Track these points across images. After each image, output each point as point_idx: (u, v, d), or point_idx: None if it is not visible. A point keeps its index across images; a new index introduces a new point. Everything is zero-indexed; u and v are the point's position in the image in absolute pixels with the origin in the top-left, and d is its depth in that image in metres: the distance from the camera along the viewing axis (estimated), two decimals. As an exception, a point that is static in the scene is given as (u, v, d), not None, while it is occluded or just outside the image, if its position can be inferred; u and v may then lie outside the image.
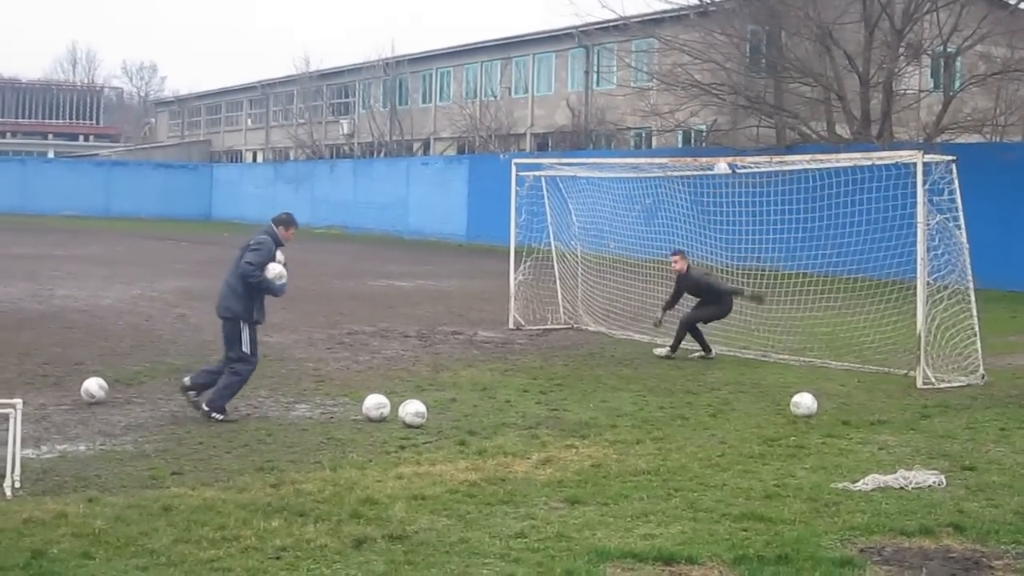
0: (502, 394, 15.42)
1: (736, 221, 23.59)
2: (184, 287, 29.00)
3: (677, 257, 20.10)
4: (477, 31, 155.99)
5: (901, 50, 38.02)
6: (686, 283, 19.77)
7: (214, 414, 13.34)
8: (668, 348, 19.43)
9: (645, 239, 24.19)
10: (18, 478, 9.91)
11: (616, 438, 12.66)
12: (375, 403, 13.55)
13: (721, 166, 20.72)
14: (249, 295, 13.70)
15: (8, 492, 9.72)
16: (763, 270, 22.37)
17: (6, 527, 8.77)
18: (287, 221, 14.15)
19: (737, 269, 22.78)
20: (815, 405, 14.30)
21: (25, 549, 8.28)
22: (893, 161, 19.30)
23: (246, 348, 13.72)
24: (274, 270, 13.65)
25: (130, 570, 7.95)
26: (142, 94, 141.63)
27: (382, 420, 13.34)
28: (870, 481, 10.68)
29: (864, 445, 12.61)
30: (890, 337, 19.13)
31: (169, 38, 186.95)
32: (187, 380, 13.84)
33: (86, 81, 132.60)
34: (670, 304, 19.97)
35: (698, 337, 19.44)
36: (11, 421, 9.90)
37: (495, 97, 63.64)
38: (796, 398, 14.47)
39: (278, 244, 13.91)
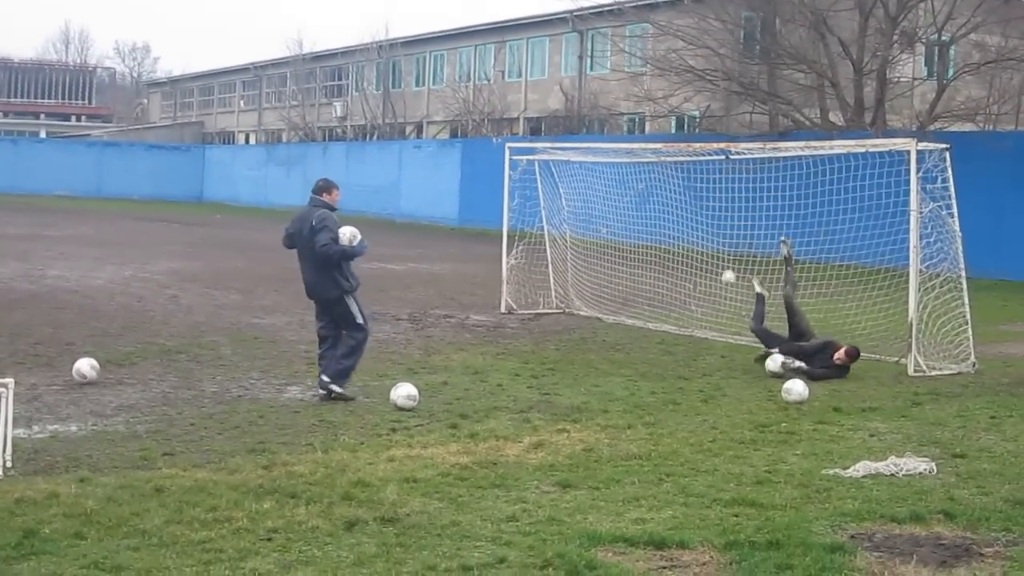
0: (494, 378, 15.42)
1: (729, 207, 23.57)
2: (176, 268, 28.98)
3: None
4: (471, 14, 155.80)
5: (895, 38, 37.97)
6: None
7: (333, 386, 13.61)
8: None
9: (637, 224, 24.19)
10: (9, 458, 9.91)
11: (608, 423, 12.68)
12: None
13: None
14: (339, 268, 13.80)
15: (0, 472, 9.72)
16: (755, 256, 22.35)
17: (-3, 506, 8.78)
18: (327, 186, 14.27)
19: (729, 255, 22.76)
20: (806, 392, 14.31)
21: (17, 529, 8.28)
22: (887, 149, 19.30)
23: (360, 319, 13.95)
24: (346, 234, 13.74)
25: (121, 550, 7.95)
26: (135, 75, 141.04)
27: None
28: (861, 468, 10.70)
29: (855, 432, 12.64)
30: (881, 325, 19.14)
31: (162, 19, 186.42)
32: (323, 376, 13.87)
33: (79, 61, 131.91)
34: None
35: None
36: (2, 401, 9.89)
37: (488, 81, 63.56)
38: (787, 384, 14.50)
39: (333, 211, 14.07)
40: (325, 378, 13.71)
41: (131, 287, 24.59)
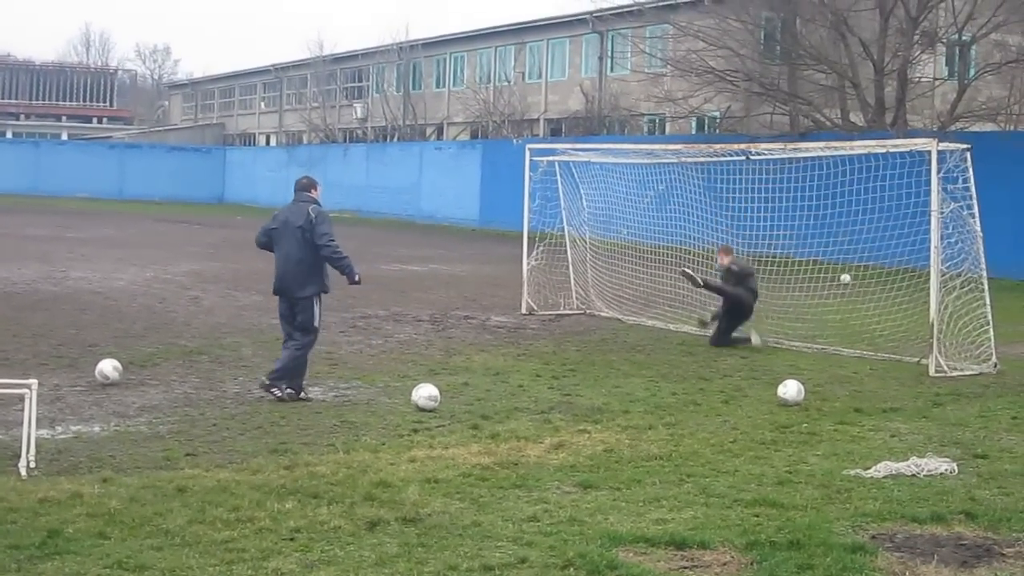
0: (515, 379, 15.44)
1: (749, 208, 23.53)
2: (197, 270, 29.07)
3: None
4: (491, 16, 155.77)
5: (916, 38, 37.89)
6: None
7: (274, 389, 13.45)
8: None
9: (658, 225, 24.18)
10: (33, 458, 9.96)
11: (628, 423, 12.69)
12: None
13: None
14: (323, 265, 13.78)
15: (23, 472, 9.78)
16: (775, 257, 22.34)
17: (22, 506, 8.83)
18: (312, 183, 14.33)
19: (750, 256, 22.73)
20: (800, 395, 14.19)
21: (41, 528, 8.33)
22: (907, 149, 19.28)
23: (316, 322, 13.88)
24: None
25: (145, 550, 7.99)
26: (155, 77, 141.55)
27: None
28: (882, 468, 10.69)
29: (876, 432, 12.63)
30: (902, 325, 19.11)
31: (183, 21, 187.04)
32: (265, 378, 13.79)
33: (100, 63, 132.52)
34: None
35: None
36: (26, 402, 9.94)
37: (509, 82, 63.56)
38: (781, 389, 14.31)
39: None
40: (265, 380, 13.61)
41: (153, 288, 24.67)
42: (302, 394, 13.59)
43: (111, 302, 22.17)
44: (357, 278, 14.03)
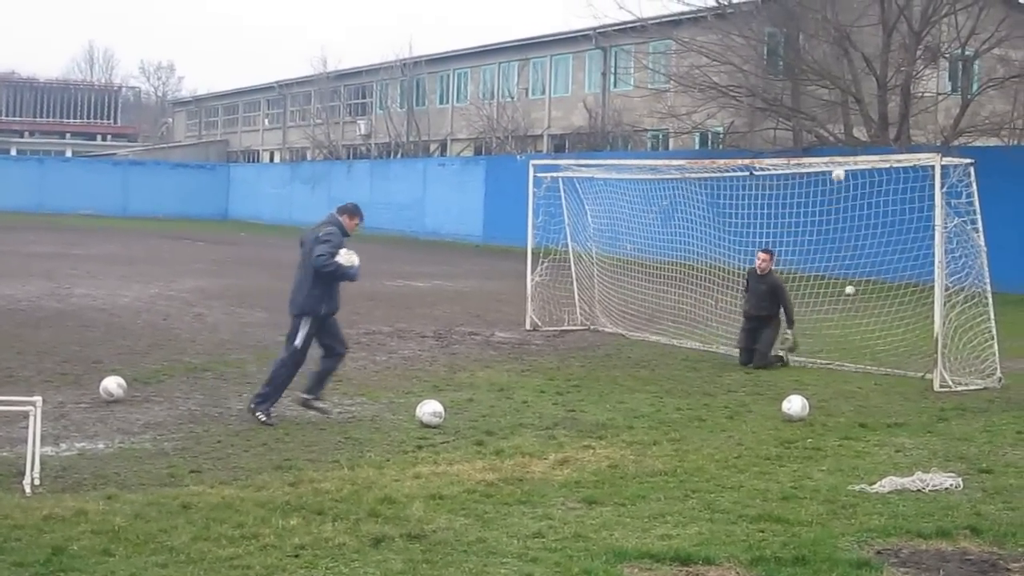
0: (519, 395, 15.44)
1: (753, 223, 23.54)
2: (201, 287, 29.08)
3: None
4: (494, 32, 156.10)
5: (919, 53, 37.97)
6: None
7: (258, 413, 13.27)
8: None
9: (662, 241, 24.19)
10: (38, 475, 9.96)
11: (633, 439, 12.68)
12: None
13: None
14: (320, 287, 13.50)
15: (28, 489, 9.78)
16: (779, 272, 22.32)
17: (26, 524, 8.83)
18: (352, 210, 13.92)
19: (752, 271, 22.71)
20: (805, 411, 14.17)
21: (45, 546, 8.33)
22: (911, 164, 19.26)
23: (299, 342, 13.56)
24: (345, 256, 13.41)
25: (149, 567, 7.99)
26: (159, 94, 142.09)
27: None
28: (887, 483, 10.68)
29: (881, 447, 12.62)
30: (906, 340, 19.10)
31: (187, 38, 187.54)
32: (301, 395, 13.77)
33: (104, 81, 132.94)
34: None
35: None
36: (31, 419, 9.95)
37: (512, 98, 63.65)
38: (786, 405, 14.30)
39: (344, 235, 13.71)
40: (251, 405, 13.51)
41: (157, 305, 24.68)
42: (261, 416, 13.24)
43: (115, 319, 22.18)
44: (353, 273, 13.56)
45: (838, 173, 19.46)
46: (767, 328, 18.89)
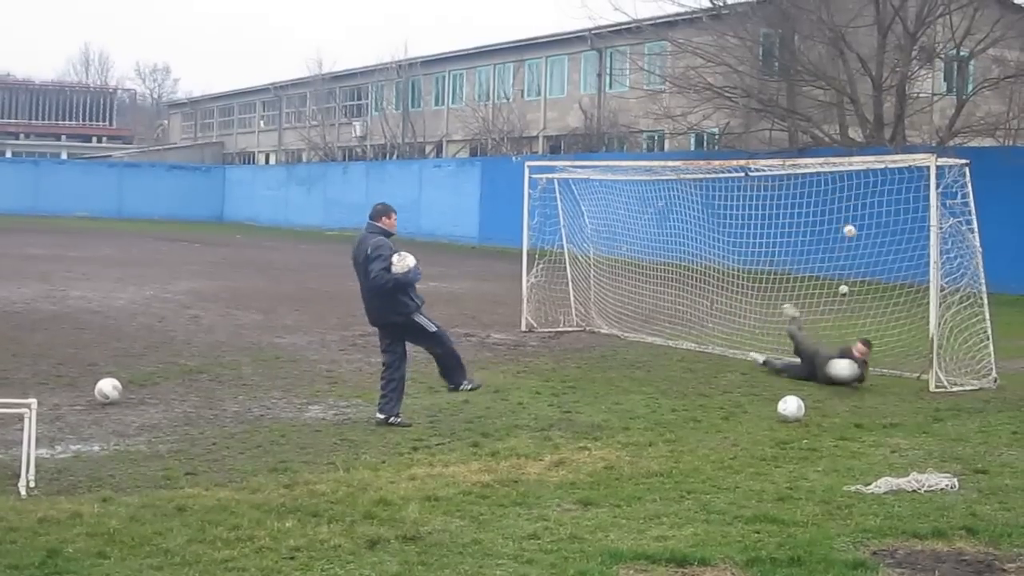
0: (515, 396, 15.43)
1: (748, 224, 23.54)
2: (197, 288, 29.06)
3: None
4: (490, 33, 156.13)
5: (914, 53, 37.97)
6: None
7: (464, 385, 14.60)
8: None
9: (657, 242, 24.19)
10: (33, 478, 9.96)
11: (629, 440, 12.68)
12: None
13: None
14: (398, 292, 13.53)
15: (23, 492, 9.77)
16: (774, 273, 22.35)
17: (21, 526, 8.82)
18: (383, 211, 13.99)
19: (748, 272, 22.76)
20: (800, 412, 14.18)
21: (40, 548, 8.32)
22: (906, 165, 19.28)
23: (432, 328, 13.88)
24: (398, 262, 13.41)
25: (144, 569, 7.99)
26: (155, 96, 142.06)
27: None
28: (883, 484, 10.68)
29: (877, 448, 12.62)
30: (902, 341, 19.10)
31: (182, 40, 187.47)
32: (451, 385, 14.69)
33: (99, 83, 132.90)
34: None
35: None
36: (26, 421, 9.95)
37: (508, 99, 63.66)
38: (781, 406, 14.30)
39: (388, 235, 13.79)
40: (450, 386, 14.63)
41: (152, 307, 24.66)
42: (468, 385, 14.62)
43: (111, 321, 22.16)
44: (412, 274, 13.55)
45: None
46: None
